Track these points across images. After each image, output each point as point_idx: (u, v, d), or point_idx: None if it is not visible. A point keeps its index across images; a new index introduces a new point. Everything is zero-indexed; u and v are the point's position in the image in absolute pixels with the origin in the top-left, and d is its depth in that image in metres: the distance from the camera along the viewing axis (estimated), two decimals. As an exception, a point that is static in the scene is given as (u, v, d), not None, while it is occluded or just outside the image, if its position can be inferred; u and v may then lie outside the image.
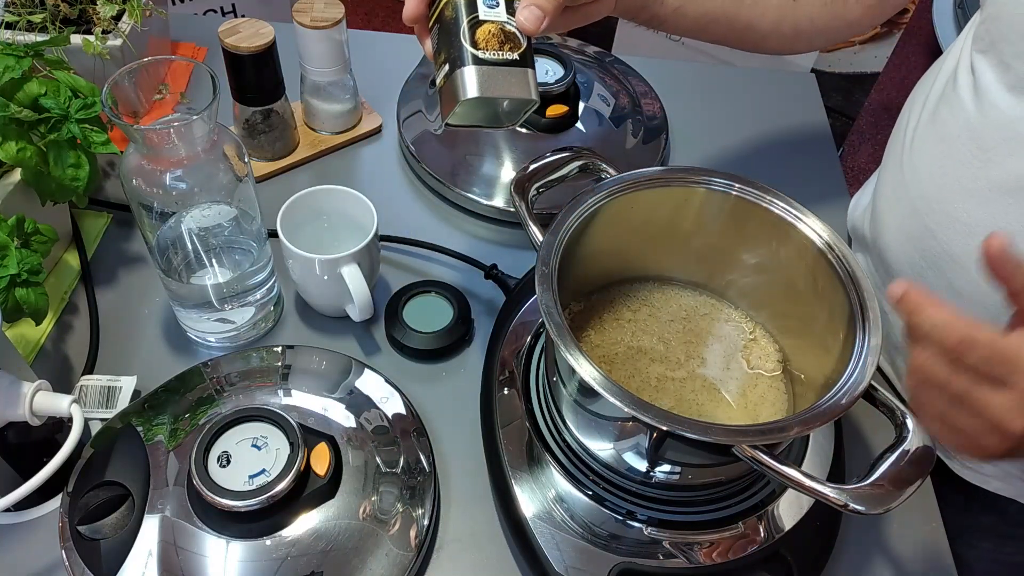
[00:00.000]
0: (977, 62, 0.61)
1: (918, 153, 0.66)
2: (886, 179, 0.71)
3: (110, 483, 0.57)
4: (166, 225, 0.64)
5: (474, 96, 0.51)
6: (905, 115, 0.71)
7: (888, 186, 0.70)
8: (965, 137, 0.60)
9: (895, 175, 0.69)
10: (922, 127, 0.66)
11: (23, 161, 0.65)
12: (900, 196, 0.67)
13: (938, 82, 0.67)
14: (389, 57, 1.01)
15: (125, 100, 0.59)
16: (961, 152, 0.60)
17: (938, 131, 0.64)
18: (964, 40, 0.66)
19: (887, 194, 0.70)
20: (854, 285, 0.55)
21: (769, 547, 0.56)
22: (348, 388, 0.65)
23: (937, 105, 0.65)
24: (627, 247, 0.65)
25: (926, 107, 0.67)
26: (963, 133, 0.61)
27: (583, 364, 0.49)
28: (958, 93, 0.62)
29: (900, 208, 0.67)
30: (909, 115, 0.70)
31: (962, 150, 0.60)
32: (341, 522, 0.57)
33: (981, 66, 0.60)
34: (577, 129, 0.86)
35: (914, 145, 0.67)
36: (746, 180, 0.60)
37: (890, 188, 0.70)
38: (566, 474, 0.58)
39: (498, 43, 0.53)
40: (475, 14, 0.52)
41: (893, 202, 0.69)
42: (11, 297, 0.61)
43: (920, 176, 0.65)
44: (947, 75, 0.65)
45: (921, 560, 0.64)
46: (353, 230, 0.71)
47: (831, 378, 0.52)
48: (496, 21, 0.53)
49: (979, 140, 0.59)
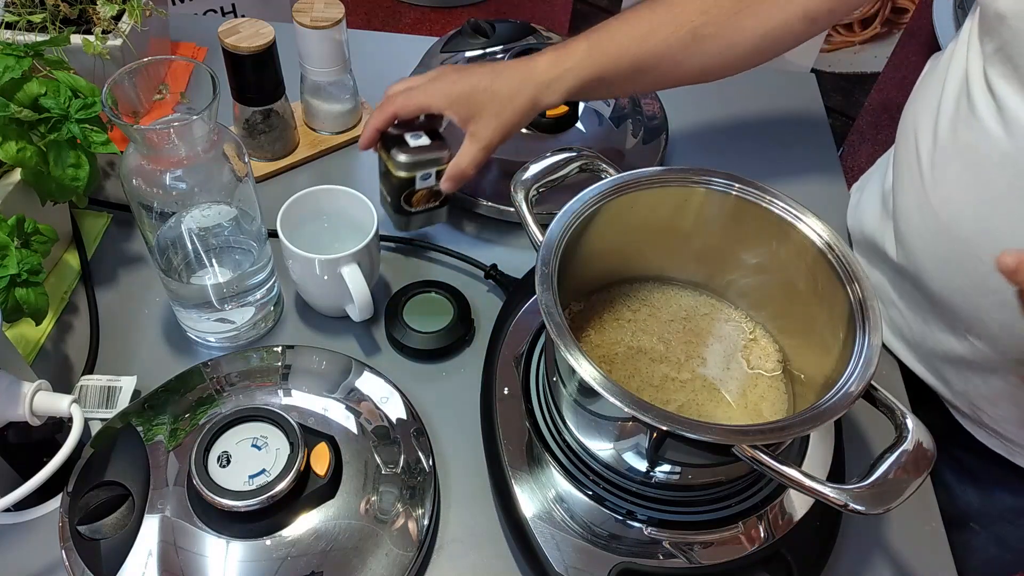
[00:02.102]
0: (998, 87, 0.59)
1: (942, 178, 0.64)
2: (908, 202, 0.69)
3: (110, 483, 0.57)
4: (166, 225, 0.64)
5: (403, 233, 0.80)
6: (911, 129, 0.69)
7: (912, 210, 0.68)
8: (999, 165, 0.59)
9: (918, 199, 0.67)
10: (941, 150, 0.64)
11: (23, 161, 0.65)
12: (929, 223, 0.66)
13: (947, 98, 0.65)
14: (389, 57, 1.01)
15: (125, 100, 0.59)
16: (997, 181, 0.59)
17: (964, 157, 0.62)
18: (966, 54, 0.64)
19: (912, 218, 0.68)
20: (854, 285, 0.55)
21: (769, 547, 0.56)
22: (348, 388, 0.65)
23: (954, 126, 0.63)
24: (627, 247, 0.65)
25: (940, 126, 0.65)
26: (995, 160, 0.59)
27: (583, 364, 0.49)
28: (979, 117, 0.61)
29: (931, 234, 0.66)
30: (917, 131, 0.68)
31: (998, 179, 0.59)
32: (341, 522, 0.57)
33: (1003, 91, 0.59)
34: (577, 129, 0.86)
35: (935, 170, 0.65)
36: (746, 180, 0.60)
37: (916, 213, 0.67)
38: (566, 474, 0.58)
39: (425, 199, 0.75)
40: (412, 187, 0.73)
41: (921, 227, 0.67)
42: (11, 297, 0.61)
43: (952, 203, 0.63)
44: (957, 91, 0.64)
45: (921, 560, 0.64)
46: (353, 230, 0.71)
47: (831, 378, 0.52)
48: (427, 188, 0.74)
49: (1016, 167, 0.58)
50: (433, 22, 2.54)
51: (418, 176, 0.73)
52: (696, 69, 0.72)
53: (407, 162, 0.72)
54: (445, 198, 0.76)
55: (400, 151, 0.72)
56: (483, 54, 0.93)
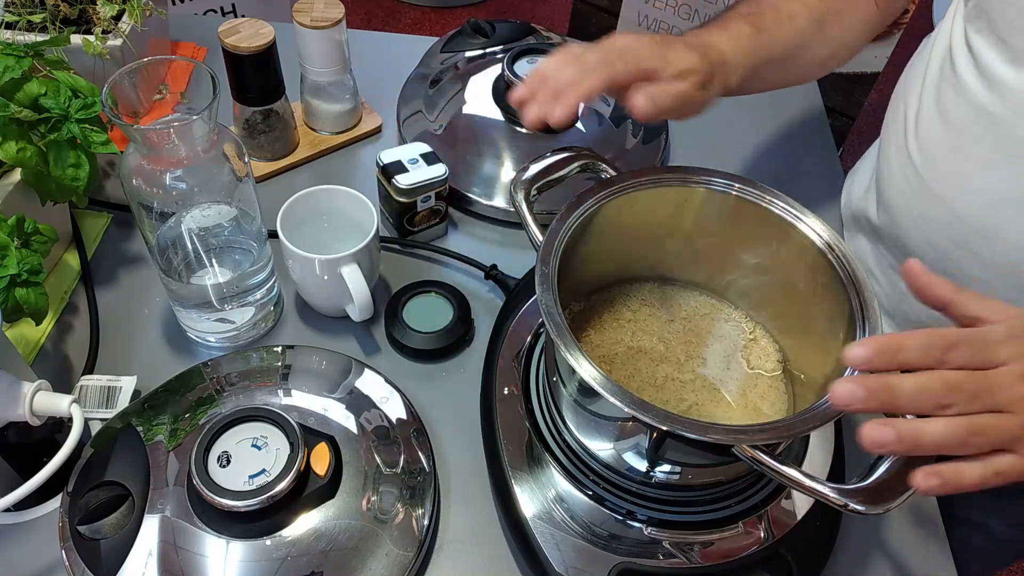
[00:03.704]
0: (975, 42, 0.62)
1: (924, 137, 0.66)
2: (891, 167, 0.71)
3: (110, 483, 0.57)
4: (166, 225, 0.64)
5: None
6: (900, 100, 0.71)
7: (895, 174, 0.70)
8: (974, 114, 0.61)
9: (901, 161, 0.69)
10: (925, 110, 0.67)
11: (23, 161, 0.65)
12: (911, 182, 0.67)
13: (932, 65, 0.67)
14: (389, 57, 1.01)
15: (125, 100, 0.59)
16: (972, 129, 0.61)
17: (944, 113, 0.64)
18: (952, 22, 0.66)
19: (895, 182, 0.70)
20: (854, 285, 0.55)
21: (769, 547, 0.56)
22: (348, 388, 0.65)
23: (938, 88, 0.65)
24: (627, 247, 0.65)
25: (925, 90, 0.67)
26: (971, 111, 0.61)
27: (583, 364, 0.49)
28: (958, 74, 0.63)
29: (913, 194, 0.67)
30: (906, 99, 0.70)
31: (972, 127, 0.61)
32: (341, 522, 0.57)
33: (979, 46, 0.61)
34: (577, 129, 0.86)
35: (919, 130, 0.67)
36: (746, 180, 0.60)
37: (898, 175, 0.70)
38: (566, 474, 0.58)
39: (426, 219, 0.79)
40: (414, 210, 0.77)
41: (904, 189, 0.69)
42: (11, 297, 0.61)
43: (931, 158, 0.65)
44: (941, 57, 0.66)
45: (921, 560, 0.64)
46: (353, 230, 0.71)
47: (831, 378, 0.52)
48: (427, 208, 0.78)
49: (989, 115, 0.60)
50: (433, 22, 2.54)
51: (419, 199, 0.76)
52: (816, 61, 0.71)
53: (408, 187, 0.75)
54: (444, 214, 0.80)
55: (401, 178, 0.75)
56: (483, 54, 0.94)
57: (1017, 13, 0.58)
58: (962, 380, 0.42)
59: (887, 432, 0.41)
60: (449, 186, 0.78)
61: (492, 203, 0.83)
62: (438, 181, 0.76)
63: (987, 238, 0.62)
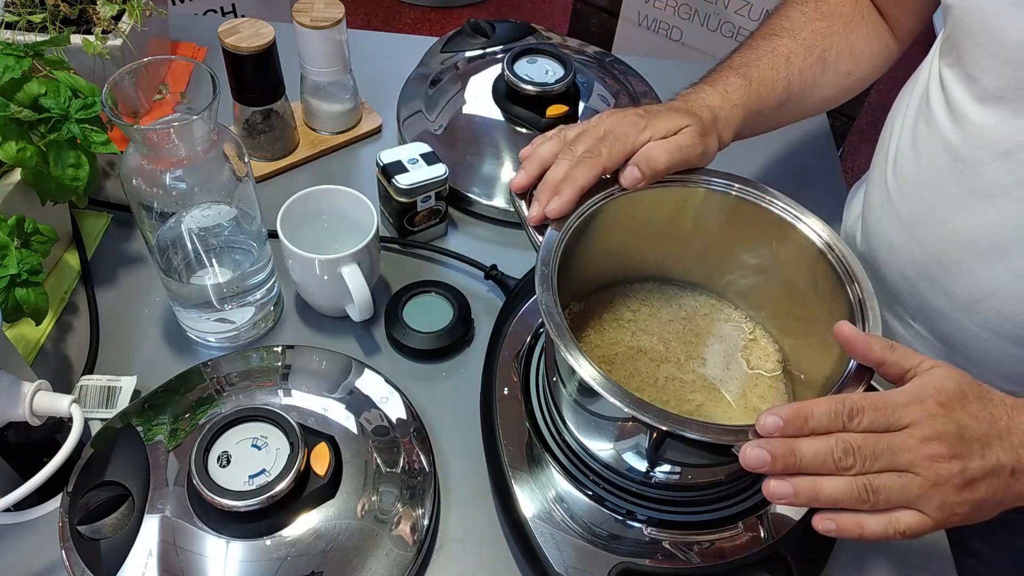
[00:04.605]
0: (946, 77, 0.62)
1: (900, 169, 0.67)
2: (873, 196, 0.72)
3: (110, 483, 0.57)
4: (166, 225, 0.64)
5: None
6: (887, 131, 0.72)
7: (876, 202, 0.72)
8: (942, 151, 0.62)
9: (880, 191, 0.70)
10: (903, 144, 0.68)
11: (23, 161, 0.65)
12: (887, 211, 0.69)
13: (914, 98, 0.68)
14: (389, 57, 1.01)
15: (125, 100, 0.59)
16: (941, 165, 0.62)
17: (917, 147, 0.65)
18: (933, 55, 0.67)
19: (875, 210, 0.72)
20: (854, 285, 0.55)
21: (769, 547, 0.56)
22: (348, 388, 0.65)
23: (915, 121, 0.66)
24: (627, 247, 0.65)
25: (904, 123, 0.68)
26: (940, 147, 0.62)
27: (583, 364, 0.49)
28: (931, 108, 0.64)
29: (888, 223, 0.69)
30: (891, 131, 0.71)
31: (941, 163, 0.62)
32: (341, 522, 0.57)
33: (950, 81, 0.61)
34: (577, 129, 0.86)
35: (897, 162, 0.68)
36: (746, 180, 0.61)
37: (877, 204, 0.71)
38: (566, 474, 0.58)
39: (426, 218, 0.79)
40: (414, 210, 0.77)
41: (880, 217, 0.70)
42: (11, 297, 0.61)
43: (904, 191, 0.67)
44: (921, 91, 0.67)
45: (921, 560, 0.64)
46: (353, 230, 0.71)
47: (831, 378, 0.52)
48: (427, 208, 0.78)
49: (955, 152, 0.61)
50: (433, 22, 2.54)
51: (419, 199, 0.76)
52: (819, 98, 0.72)
53: (408, 187, 0.75)
54: (444, 214, 0.80)
55: (401, 178, 0.75)
56: (483, 54, 0.94)
57: (979, 48, 0.57)
58: (861, 443, 0.44)
59: (786, 487, 0.44)
60: (449, 186, 0.78)
61: (492, 203, 0.83)
62: (438, 181, 0.76)
63: (954, 274, 0.63)
